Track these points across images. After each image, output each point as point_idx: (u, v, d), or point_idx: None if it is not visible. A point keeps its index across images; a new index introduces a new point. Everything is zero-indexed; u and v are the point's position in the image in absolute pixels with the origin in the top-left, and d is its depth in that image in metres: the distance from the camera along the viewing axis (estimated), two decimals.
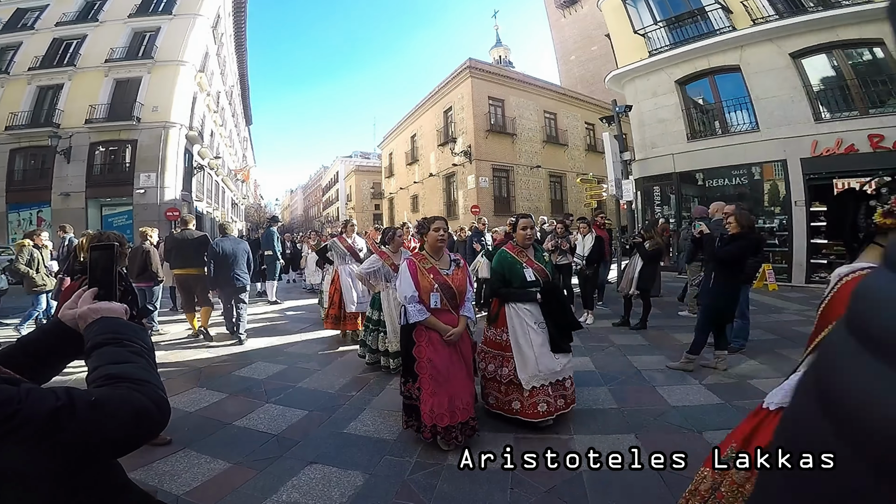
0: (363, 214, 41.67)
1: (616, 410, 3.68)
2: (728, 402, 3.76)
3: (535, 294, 3.42)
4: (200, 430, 3.52)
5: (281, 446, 3.25)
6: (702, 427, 3.32)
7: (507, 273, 3.49)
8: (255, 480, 2.81)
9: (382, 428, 3.50)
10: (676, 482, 2.59)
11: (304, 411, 3.85)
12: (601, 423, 3.47)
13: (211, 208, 23.98)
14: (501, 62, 38.00)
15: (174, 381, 4.67)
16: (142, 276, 6.56)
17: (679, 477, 2.63)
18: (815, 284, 9.94)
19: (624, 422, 3.50)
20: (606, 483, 2.60)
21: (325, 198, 58.98)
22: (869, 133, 9.27)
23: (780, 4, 10.67)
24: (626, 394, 4.02)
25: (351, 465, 2.95)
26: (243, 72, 35.77)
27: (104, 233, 3.35)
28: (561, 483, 2.61)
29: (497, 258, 3.63)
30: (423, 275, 3.12)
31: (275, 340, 6.41)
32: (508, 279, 3.48)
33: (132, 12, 19.29)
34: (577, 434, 3.31)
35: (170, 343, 6.38)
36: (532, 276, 3.44)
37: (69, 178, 16.97)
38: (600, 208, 15.25)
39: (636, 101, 13.44)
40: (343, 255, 6.23)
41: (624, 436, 3.25)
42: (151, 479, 2.81)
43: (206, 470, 2.93)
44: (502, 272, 3.52)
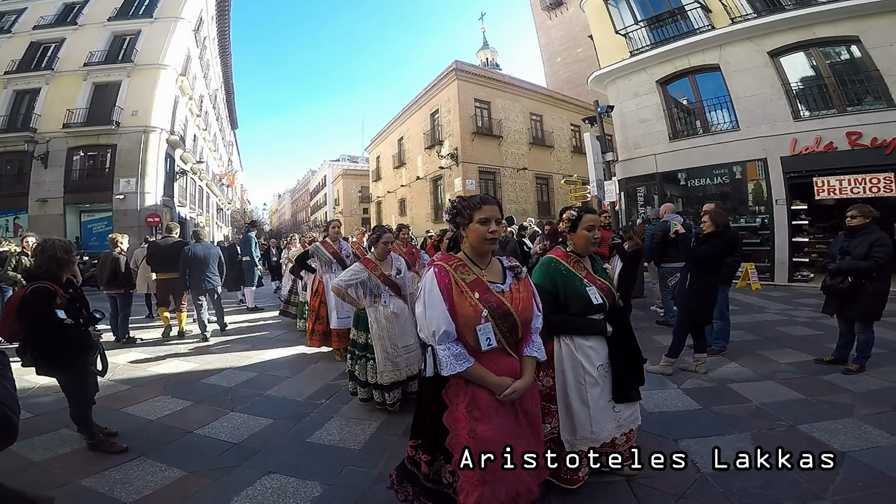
0: (351, 218, 41.49)
1: None
2: (706, 407, 3.66)
3: (605, 325, 2.46)
4: (159, 439, 3.42)
5: (240, 455, 3.14)
6: (679, 434, 3.21)
7: (563, 293, 2.44)
8: (208, 489, 2.73)
9: (349, 437, 3.38)
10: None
11: (269, 420, 3.73)
12: None
13: (194, 213, 23.66)
14: (488, 65, 38.16)
15: (140, 390, 4.55)
16: (112, 284, 6.41)
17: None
18: (798, 283, 9.98)
19: None
20: None
21: (313, 202, 58.66)
22: (847, 131, 9.33)
23: (759, 3, 10.72)
24: None
25: (310, 476, 2.84)
26: (228, 75, 35.45)
27: (48, 240, 3.20)
28: None
29: (544, 271, 2.50)
30: (461, 294, 1.85)
31: (249, 348, 6.25)
32: (563, 303, 2.45)
33: (112, 15, 18.96)
34: None
35: (142, 351, 6.19)
36: (598, 298, 2.44)
37: (46, 184, 16.60)
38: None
39: (618, 102, 13.45)
40: (328, 263, 5.37)
41: None
42: (102, 487, 2.75)
43: (160, 478, 2.85)
44: (555, 291, 2.44)
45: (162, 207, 17.48)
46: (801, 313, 7.20)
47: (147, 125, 17.29)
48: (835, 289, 4.38)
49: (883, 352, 4.76)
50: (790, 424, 3.28)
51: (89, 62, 17.92)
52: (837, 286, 4.34)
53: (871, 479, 2.55)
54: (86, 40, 18.41)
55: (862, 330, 4.34)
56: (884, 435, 3.04)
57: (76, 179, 17.14)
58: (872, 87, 9.40)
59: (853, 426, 3.22)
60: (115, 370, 5.22)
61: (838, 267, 4.35)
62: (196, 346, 6.40)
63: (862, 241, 4.23)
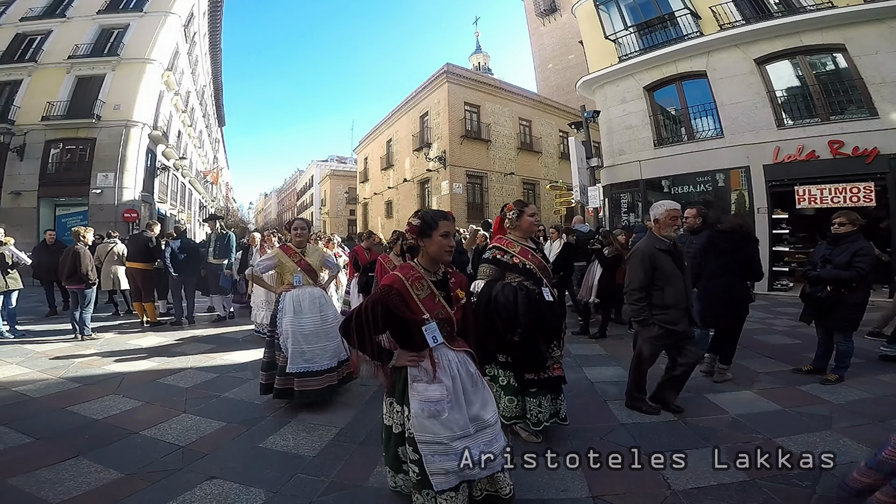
0: (338, 220, 41.24)
1: (559, 428, 3.22)
2: (681, 419, 3.50)
3: None
4: (100, 439, 3.22)
5: (184, 459, 2.95)
6: (651, 448, 2.88)
7: None
8: (143, 493, 2.56)
9: (304, 443, 3.19)
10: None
11: (222, 423, 3.53)
12: (538, 444, 3.06)
13: (176, 210, 23.23)
14: (480, 69, 38.13)
15: (91, 388, 4.32)
16: (72, 279, 6.15)
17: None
18: (777, 292, 9.97)
19: (567, 441, 3.15)
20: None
21: (299, 202, 58.16)
22: (829, 139, 9.37)
23: (748, 10, 10.80)
24: (575, 409, 3.56)
25: (256, 482, 2.66)
26: (217, 72, 34.98)
27: None
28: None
29: None
30: None
31: (214, 348, 5.97)
32: None
33: (101, 8, 18.63)
34: None
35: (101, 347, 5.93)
36: None
37: (21, 177, 16.15)
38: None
39: (606, 108, 13.43)
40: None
41: None
42: (29, 486, 2.61)
43: (94, 479, 2.69)
44: None
45: (140, 203, 17.11)
46: (780, 322, 7.14)
47: (129, 119, 16.97)
48: (814, 297, 4.30)
49: (861, 361, 4.67)
50: (767, 437, 3.15)
51: (74, 55, 17.55)
52: (816, 295, 4.26)
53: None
54: (73, 33, 18.04)
55: (841, 340, 4.25)
56: (862, 448, 2.91)
57: (52, 173, 16.70)
58: (856, 96, 9.47)
59: (831, 439, 3.11)
60: (69, 367, 5.00)
61: (818, 276, 4.26)
62: (159, 344, 6.16)
63: (844, 249, 4.14)
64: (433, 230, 2.12)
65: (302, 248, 4.16)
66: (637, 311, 3.48)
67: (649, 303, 3.46)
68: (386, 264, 4.63)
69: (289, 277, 4.01)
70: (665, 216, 3.52)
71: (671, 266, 3.45)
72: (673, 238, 3.57)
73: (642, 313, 3.45)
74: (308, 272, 4.06)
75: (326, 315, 3.99)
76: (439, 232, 2.12)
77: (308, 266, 4.07)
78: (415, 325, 2.03)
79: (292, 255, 4.07)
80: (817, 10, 9.67)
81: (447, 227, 2.14)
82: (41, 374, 4.77)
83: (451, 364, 2.10)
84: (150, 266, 7.36)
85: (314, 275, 4.13)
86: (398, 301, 2.02)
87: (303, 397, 3.73)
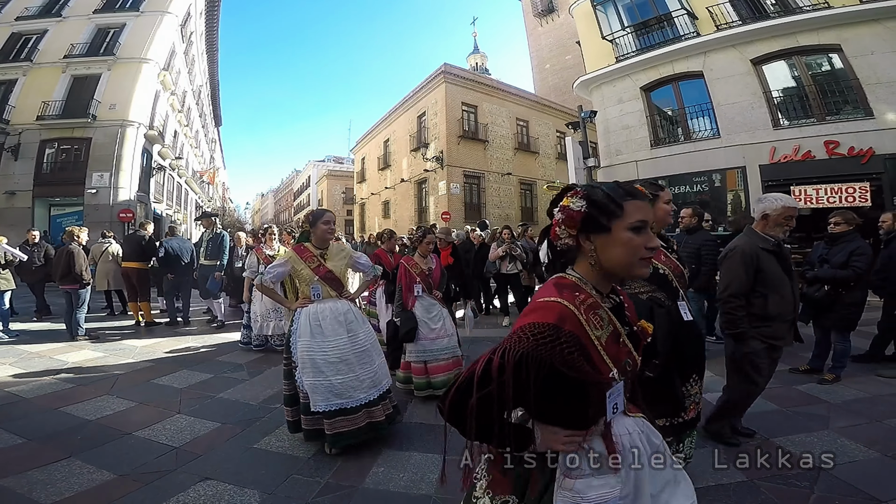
0: None
1: None
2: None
3: None
4: (93, 440, 3.20)
5: (178, 460, 2.93)
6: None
7: None
8: (136, 494, 2.54)
9: (299, 445, 3.16)
10: None
11: (216, 424, 3.50)
12: None
13: (172, 210, 23.12)
14: (478, 69, 38.16)
15: (85, 389, 4.29)
16: (66, 279, 6.11)
17: None
18: None
19: None
20: None
21: (296, 202, 57.98)
22: (825, 140, 9.40)
23: (744, 10, 10.83)
24: None
25: (250, 484, 2.64)
26: (214, 71, 34.85)
27: None
28: None
29: None
30: None
31: (210, 350, 5.94)
32: None
33: (98, 8, 18.56)
34: None
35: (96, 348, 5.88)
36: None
37: (15, 176, 16.05)
38: None
39: (602, 108, 13.41)
40: None
41: None
42: (21, 487, 2.59)
43: (86, 480, 2.67)
44: None
45: (136, 203, 17.02)
46: None
47: (125, 119, 16.88)
48: (811, 297, 4.30)
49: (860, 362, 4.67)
50: (764, 438, 3.14)
51: (70, 54, 17.48)
52: (814, 294, 4.27)
53: (848, 497, 2.40)
54: (69, 32, 17.97)
55: (838, 339, 4.25)
56: (860, 448, 2.90)
57: (47, 172, 16.62)
58: (852, 96, 9.50)
59: (829, 439, 3.10)
60: (63, 368, 4.96)
61: (815, 275, 4.28)
62: (153, 344, 6.11)
63: (841, 249, 4.15)
64: (615, 219, 1.09)
65: (324, 247, 3.24)
66: (733, 322, 2.86)
67: (748, 312, 2.86)
68: (411, 269, 3.99)
69: (305, 289, 3.16)
70: (780, 213, 2.87)
71: (777, 270, 2.87)
72: (779, 238, 2.92)
73: (740, 325, 2.83)
74: (329, 281, 3.15)
75: (357, 335, 3.13)
76: (626, 223, 1.08)
77: (329, 274, 3.15)
78: (595, 390, 1.04)
79: (309, 260, 3.14)
80: (813, 11, 9.71)
81: (641, 211, 1.10)
82: (34, 375, 4.74)
83: (632, 438, 1.18)
84: (145, 265, 7.37)
85: (338, 284, 3.20)
86: (573, 352, 1.00)
87: (337, 441, 2.95)
